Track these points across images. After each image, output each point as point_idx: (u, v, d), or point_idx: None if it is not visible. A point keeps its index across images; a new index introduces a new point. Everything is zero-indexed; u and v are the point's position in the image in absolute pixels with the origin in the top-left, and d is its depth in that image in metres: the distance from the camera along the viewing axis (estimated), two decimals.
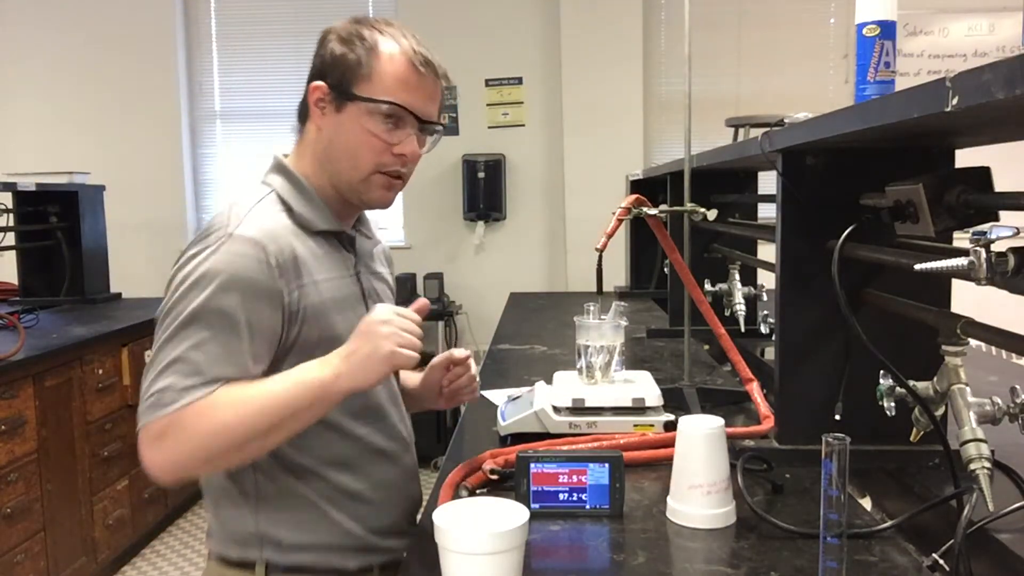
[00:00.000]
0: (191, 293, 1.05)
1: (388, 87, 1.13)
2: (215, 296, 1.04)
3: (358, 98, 1.13)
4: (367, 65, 1.14)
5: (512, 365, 2.12)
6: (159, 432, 1.01)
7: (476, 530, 0.84)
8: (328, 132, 1.17)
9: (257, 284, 1.07)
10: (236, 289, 1.05)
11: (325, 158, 1.18)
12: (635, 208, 1.51)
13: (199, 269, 1.06)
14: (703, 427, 1.09)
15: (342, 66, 1.14)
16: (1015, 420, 0.92)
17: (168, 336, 1.04)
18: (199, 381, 1.02)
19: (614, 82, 4.48)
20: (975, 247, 0.83)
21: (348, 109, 1.14)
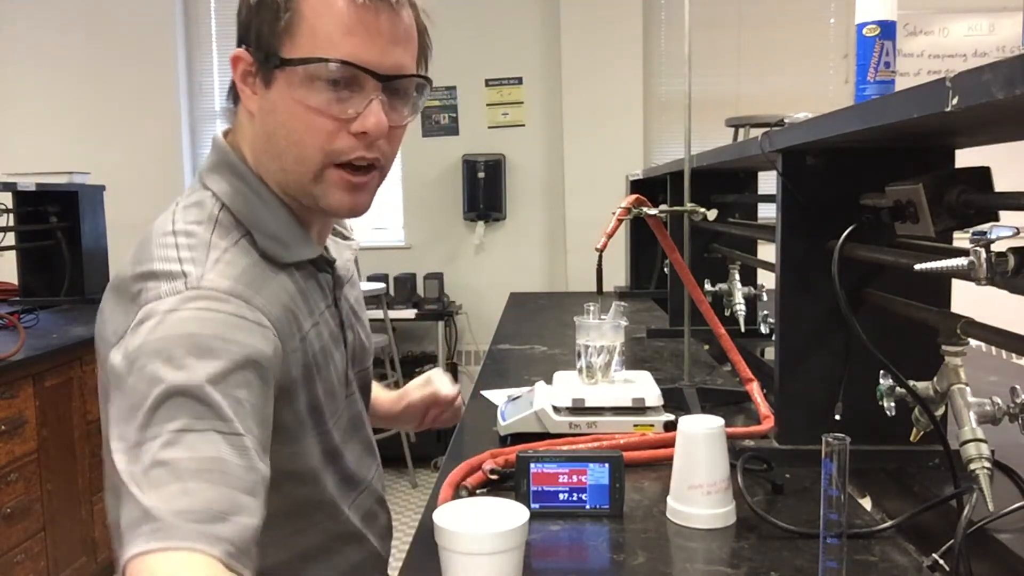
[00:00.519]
0: (151, 370, 0.71)
1: (323, 37, 0.82)
2: (181, 372, 0.71)
3: (285, 62, 0.83)
4: (288, 13, 0.82)
5: (512, 365, 2.12)
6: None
7: (476, 530, 0.84)
8: (261, 117, 0.87)
9: (261, 358, 0.77)
10: (243, 369, 0.74)
11: (264, 153, 0.89)
12: (635, 208, 1.51)
13: (159, 345, 0.72)
14: (703, 427, 1.09)
15: (259, 22, 0.84)
16: (1015, 420, 0.92)
17: (125, 431, 0.69)
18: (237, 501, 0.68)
19: (614, 82, 4.48)
20: (975, 247, 0.83)
21: (277, 80, 0.84)
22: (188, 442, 0.67)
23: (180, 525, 0.62)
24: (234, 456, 0.68)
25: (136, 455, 0.66)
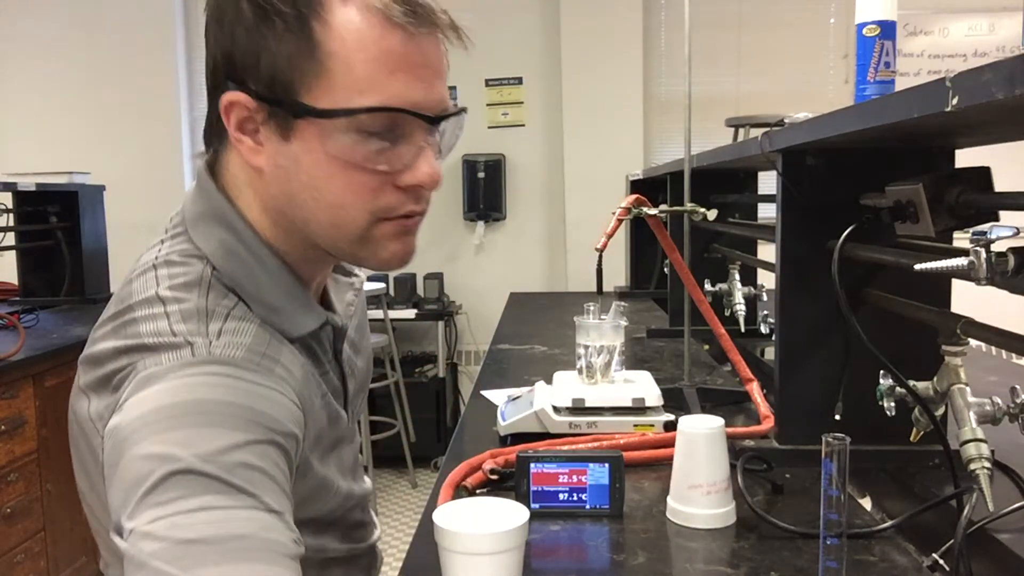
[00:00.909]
0: (198, 432, 0.62)
1: (364, 76, 0.67)
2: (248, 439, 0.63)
3: (315, 112, 0.67)
4: (319, 48, 0.66)
5: (512, 365, 2.12)
6: None
7: (476, 530, 0.84)
8: (274, 175, 0.72)
9: (287, 435, 0.67)
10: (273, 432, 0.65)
11: (282, 216, 0.74)
12: (635, 208, 1.51)
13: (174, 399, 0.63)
14: (703, 427, 1.09)
15: (269, 57, 0.67)
16: (1015, 420, 0.92)
17: (179, 505, 0.59)
18: None
19: (614, 82, 4.48)
20: (975, 247, 0.83)
21: (301, 132, 0.69)
22: (216, 522, 0.56)
23: None
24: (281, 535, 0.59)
25: (154, 540, 0.55)
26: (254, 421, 0.63)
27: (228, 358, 0.67)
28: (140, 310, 0.71)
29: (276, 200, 0.73)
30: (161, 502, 0.57)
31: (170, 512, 0.56)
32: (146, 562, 0.55)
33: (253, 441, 0.61)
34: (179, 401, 0.62)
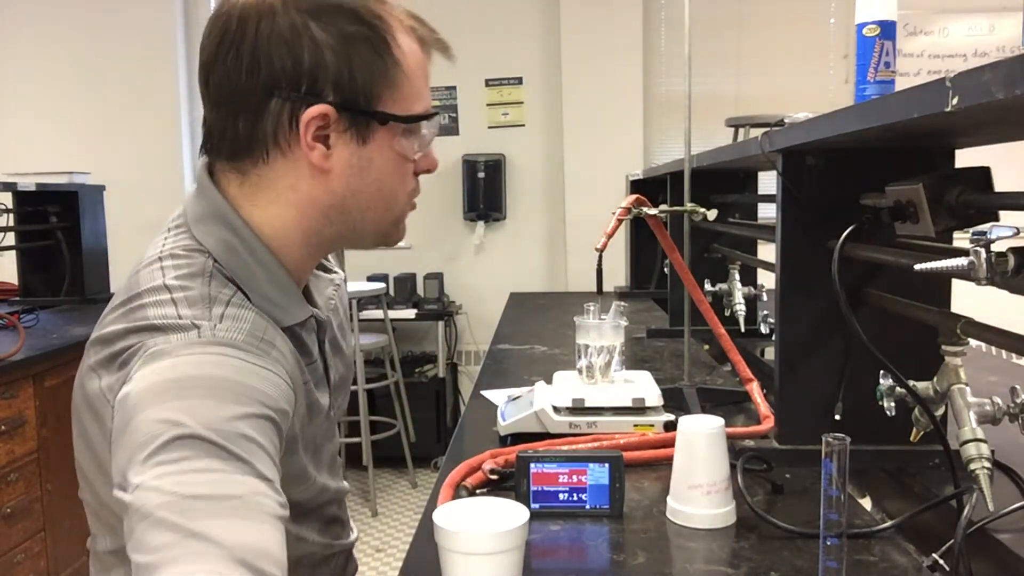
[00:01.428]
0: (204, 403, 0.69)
1: (419, 89, 0.83)
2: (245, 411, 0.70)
3: (397, 119, 0.80)
4: (392, 59, 0.79)
5: (512, 365, 2.12)
6: None
7: (476, 530, 0.84)
8: (342, 175, 0.81)
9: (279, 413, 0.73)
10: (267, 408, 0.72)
11: (337, 210, 0.84)
12: (635, 208, 1.51)
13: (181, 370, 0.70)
14: (703, 427, 1.09)
15: (359, 74, 0.77)
16: (1015, 420, 0.92)
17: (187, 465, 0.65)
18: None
19: (614, 82, 4.48)
20: (975, 247, 0.83)
21: (378, 136, 0.80)
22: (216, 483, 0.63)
23: None
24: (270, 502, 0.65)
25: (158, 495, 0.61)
26: (252, 397, 0.70)
27: (230, 340, 0.73)
28: (148, 297, 0.77)
29: (335, 199, 0.83)
30: (167, 461, 0.63)
31: (175, 471, 0.62)
32: (152, 512, 0.60)
33: (250, 415, 0.68)
34: (186, 375, 0.69)
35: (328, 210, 0.84)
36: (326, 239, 0.86)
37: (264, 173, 0.82)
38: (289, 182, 0.82)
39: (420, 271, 4.60)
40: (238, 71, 0.77)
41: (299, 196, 0.82)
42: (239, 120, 0.79)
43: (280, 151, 0.80)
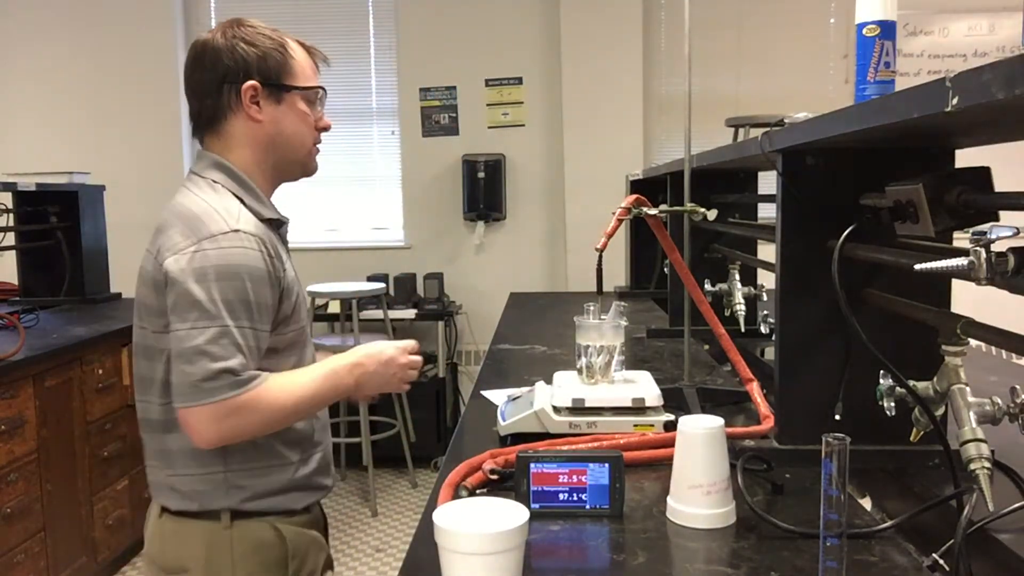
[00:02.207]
0: (219, 283, 1.19)
1: (308, 75, 1.37)
2: (242, 287, 1.21)
3: (294, 88, 1.34)
4: (284, 59, 1.34)
5: (512, 365, 2.12)
6: (233, 409, 1.18)
7: (476, 530, 0.84)
8: (270, 123, 1.33)
9: (267, 273, 1.25)
10: (256, 280, 1.23)
11: (270, 144, 1.35)
12: (635, 208, 1.51)
13: (220, 261, 1.20)
14: (703, 427, 1.09)
15: (269, 63, 1.32)
16: (1015, 420, 0.92)
17: (207, 321, 1.18)
18: (252, 364, 1.21)
19: (614, 82, 4.48)
20: (975, 247, 0.83)
21: (286, 100, 1.34)
22: (230, 330, 1.19)
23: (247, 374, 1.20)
24: (257, 342, 1.23)
25: (204, 333, 1.18)
26: (261, 275, 1.24)
27: (246, 231, 1.25)
28: (207, 217, 1.25)
29: (269, 137, 1.34)
30: (211, 322, 1.20)
31: (219, 329, 1.20)
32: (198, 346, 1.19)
33: (254, 285, 1.23)
34: (224, 264, 1.21)
35: (266, 145, 1.35)
36: (270, 167, 1.37)
37: (227, 129, 1.34)
38: (241, 131, 1.34)
39: (420, 271, 4.60)
40: (202, 73, 1.33)
41: (248, 139, 1.34)
42: (207, 100, 1.33)
43: (233, 113, 1.33)
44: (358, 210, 4.78)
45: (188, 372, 1.17)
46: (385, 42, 4.77)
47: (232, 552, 1.28)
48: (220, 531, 1.28)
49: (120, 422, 3.16)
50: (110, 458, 3.07)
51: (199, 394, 1.17)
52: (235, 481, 1.28)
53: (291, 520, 1.33)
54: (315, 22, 4.73)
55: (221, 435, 1.20)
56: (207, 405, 1.17)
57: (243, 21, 1.35)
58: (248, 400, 1.18)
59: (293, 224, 1.45)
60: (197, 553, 1.28)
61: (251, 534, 1.29)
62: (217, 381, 1.17)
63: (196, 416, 1.18)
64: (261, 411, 1.20)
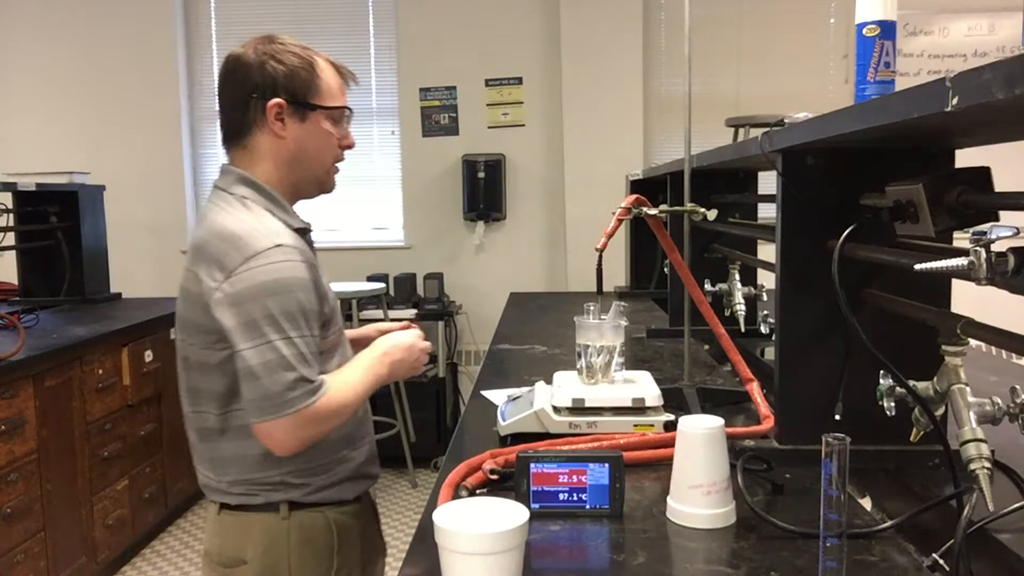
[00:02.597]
0: (274, 299, 1.23)
1: (335, 95, 1.39)
2: (295, 299, 1.25)
3: (319, 107, 1.36)
4: (312, 78, 1.36)
5: (512, 365, 2.12)
6: (312, 416, 1.23)
7: (476, 530, 0.84)
8: (293, 141, 1.36)
9: (311, 281, 1.30)
10: (304, 289, 1.27)
11: (292, 161, 1.37)
12: (635, 208, 1.51)
13: (270, 277, 1.24)
14: (703, 427, 1.09)
15: (294, 83, 1.34)
16: (1015, 420, 0.92)
17: (272, 335, 1.22)
18: (317, 371, 1.27)
19: (614, 82, 4.48)
20: (975, 247, 0.83)
21: (310, 118, 1.36)
22: (294, 342, 1.24)
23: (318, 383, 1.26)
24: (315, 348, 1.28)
25: (272, 350, 1.22)
26: (309, 285, 1.29)
27: (288, 244, 1.28)
28: (248, 236, 1.27)
29: (290, 154, 1.37)
30: (277, 336, 1.24)
31: (286, 342, 1.24)
32: (270, 361, 1.23)
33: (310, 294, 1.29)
34: (275, 279, 1.25)
35: (288, 161, 1.37)
36: (290, 183, 1.39)
37: (252, 144, 1.37)
38: (266, 146, 1.36)
39: (420, 271, 4.60)
40: (232, 87, 1.36)
41: (271, 154, 1.37)
42: (235, 113, 1.36)
43: (258, 128, 1.36)
44: (358, 210, 4.77)
45: (265, 387, 1.21)
46: (385, 42, 4.77)
47: (288, 541, 1.34)
48: (278, 522, 1.34)
49: (120, 422, 3.16)
50: (110, 458, 3.07)
51: (280, 407, 1.21)
52: (291, 480, 1.34)
53: (342, 510, 1.40)
54: (315, 22, 4.73)
55: (302, 442, 1.26)
56: (288, 416, 1.22)
57: (275, 38, 1.36)
58: (322, 405, 1.24)
59: None
60: (256, 543, 1.34)
61: (306, 524, 1.35)
62: (294, 391, 1.22)
63: (279, 428, 1.22)
64: (332, 414, 1.27)
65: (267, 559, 1.34)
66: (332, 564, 1.37)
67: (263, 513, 1.34)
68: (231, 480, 1.34)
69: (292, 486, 1.34)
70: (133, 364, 3.21)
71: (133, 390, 3.21)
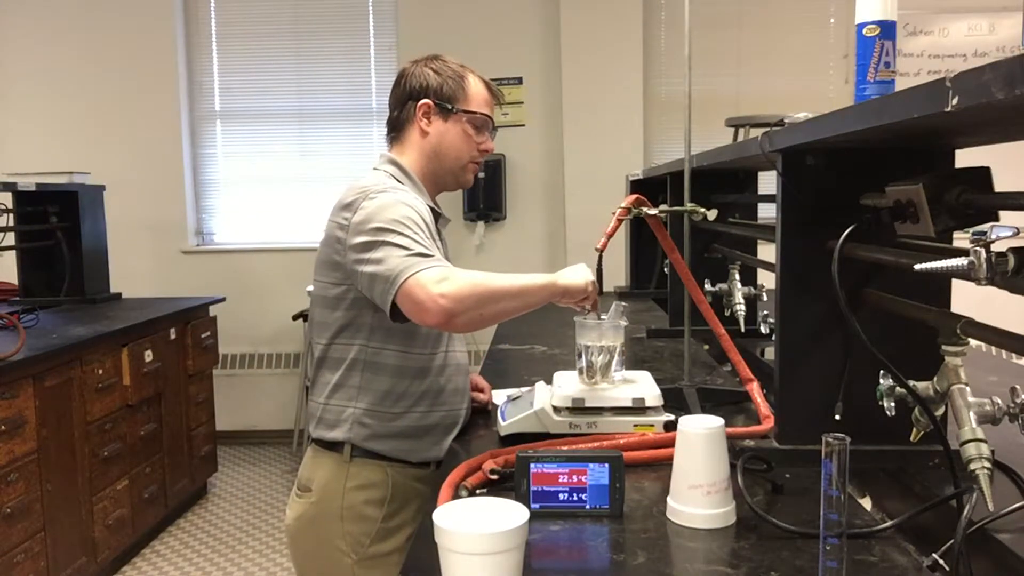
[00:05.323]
0: (385, 212, 1.41)
1: (480, 104, 1.61)
2: (406, 212, 1.42)
3: (463, 111, 1.58)
4: (462, 87, 1.59)
5: (512, 365, 2.12)
6: (441, 275, 1.34)
7: (476, 530, 0.84)
8: (435, 135, 1.58)
9: (425, 209, 1.50)
10: (416, 207, 1.46)
11: (433, 154, 1.59)
12: (635, 208, 1.51)
13: (381, 203, 1.43)
14: (703, 427, 1.09)
15: (446, 88, 1.58)
16: (1015, 420, 0.92)
17: (387, 237, 1.38)
18: (437, 260, 1.39)
19: (614, 82, 4.48)
20: (975, 247, 0.83)
21: (452, 119, 1.58)
22: (421, 240, 1.41)
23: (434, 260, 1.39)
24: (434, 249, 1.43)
25: (397, 239, 1.39)
26: (421, 209, 1.48)
27: (399, 187, 1.52)
28: (362, 182, 1.51)
29: (432, 147, 1.59)
30: (392, 238, 1.40)
31: (401, 239, 1.40)
32: (395, 256, 1.38)
33: (423, 215, 1.48)
34: (390, 199, 1.45)
35: (429, 153, 1.60)
36: (431, 173, 1.61)
37: (404, 137, 1.62)
38: (414, 139, 1.60)
39: None
40: (397, 90, 1.62)
41: (417, 146, 1.60)
42: (396, 112, 1.63)
43: (410, 124, 1.60)
44: None
45: (388, 268, 1.36)
46: (385, 42, 4.77)
47: (345, 483, 1.51)
48: (341, 463, 1.52)
49: (120, 422, 3.16)
50: (110, 458, 3.07)
51: (403, 274, 1.34)
52: (360, 418, 1.50)
53: (403, 470, 1.52)
54: (315, 22, 4.73)
55: (447, 298, 1.32)
56: (414, 276, 1.33)
57: (439, 56, 1.62)
58: (450, 271, 1.36)
59: (293, 224, 1.52)
60: (319, 477, 1.54)
61: (364, 471, 1.51)
62: (412, 260, 1.35)
63: (412, 291, 1.33)
64: (465, 278, 1.36)
65: (324, 493, 1.52)
66: (381, 514, 1.51)
67: (332, 452, 1.53)
68: (320, 403, 1.54)
69: (360, 425, 1.50)
70: (133, 364, 3.21)
71: (133, 390, 3.21)
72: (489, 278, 1.41)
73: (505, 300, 1.42)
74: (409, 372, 1.51)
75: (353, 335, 1.50)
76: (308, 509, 1.55)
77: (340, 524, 1.51)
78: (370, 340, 1.50)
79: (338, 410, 1.52)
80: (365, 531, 1.51)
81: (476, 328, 1.42)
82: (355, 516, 1.51)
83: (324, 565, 1.53)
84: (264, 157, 4.90)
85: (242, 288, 4.63)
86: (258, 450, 4.78)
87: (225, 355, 4.65)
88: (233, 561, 3.34)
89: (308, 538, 1.56)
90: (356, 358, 1.51)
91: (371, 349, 1.50)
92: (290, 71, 4.80)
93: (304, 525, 1.55)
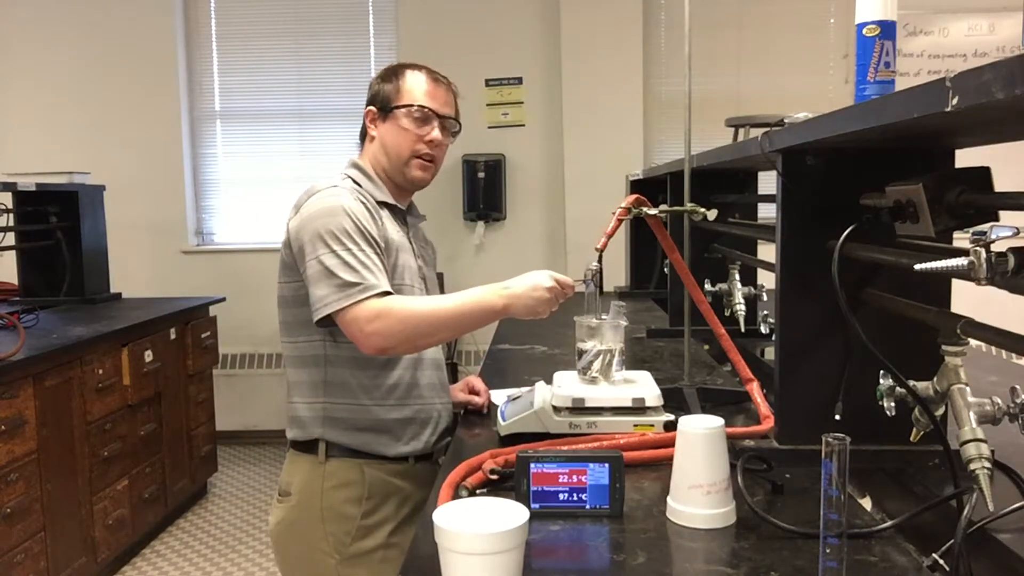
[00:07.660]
0: (322, 220, 1.46)
1: (414, 96, 1.61)
2: (342, 220, 1.46)
3: (395, 107, 1.61)
4: (397, 85, 1.63)
5: (512, 365, 2.12)
6: (373, 314, 1.39)
7: (476, 530, 0.84)
8: (379, 137, 1.64)
9: (368, 210, 1.53)
10: (356, 213, 1.49)
11: (381, 154, 1.64)
12: (635, 208, 1.51)
13: (320, 205, 1.49)
14: (703, 427, 1.09)
15: (383, 92, 1.64)
16: (1015, 420, 0.92)
17: (330, 247, 1.43)
18: (374, 280, 1.42)
19: (614, 82, 4.48)
20: (975, 247, 0.83)
21: (389, 118, 1.63)
22: (355, 254, 1.44)
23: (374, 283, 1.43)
24: (373, 261, 1.47)
25: (328, 260, 1.43)
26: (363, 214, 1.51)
27: (345, 187, 1.55)
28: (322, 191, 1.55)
29: (379, 149, 1.65)
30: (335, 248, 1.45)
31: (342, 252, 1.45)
32: (328, 267, 1.43)
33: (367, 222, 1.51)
34: (332, 205, 1.49)
35: (379, 153, 1.65)
36: (383, 170, 1.65)
37: (365, 144, 1.69)
38: (368, 145, 1.67)
39: None
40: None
41: (370, 150, 1.67)
42: (362, 123, 1.70)
43: (368, 131, 1.67)
44: None
45: (321, 295, 1.42)
46: (385, 42, 4.77)
47: (323, 483, 1.54)
48: (317, 464, 1.55)
49: (120, 422, 3.16)
50: (110, 458, 3.07)
51: (334, 305, 1.40)
52: (332, 412, 1.54)
53: (380, 466, 1.55)
54: (315, 22, 4.73)
55: (379, 336, 1.39)
56: (347, 310, 1.39)
57: (398, 65, 1.69)
58: (383, 306, 1.39)
59: None
60: (298, 480, 1.57)
61: (340, 470, 1.54)
62: (346, 290, 1.40)
63: (345, 325, 1.41)
64: (398, 314, 1.39)
65: (303, 495, 1.55)
66: (359, 512, 1.53)
67: (307, 455, 1.56)
68: (293, 403, 1.58)
69: (332, 420, 1.53)
70: (133, 364, 3.21)
71: (133, 390, 3.21)
72: (426, 308, 1.45)
73: (442, 331, 1.47)
74: (374, 363, 1.53)
75: (314, 331, 1.52)
76: (289, 513, 1.57)
77: (321, 525, 1.53)
78: (330, 334, 1.52)
79: (307, 407, 1.56)
80: (346, 530, 1.53)
81: (415, 353, 1.54)
82: (335, 516, 1.53)
83: (309, 567, 1.55)
84: (264, 157, 4.90)
85: (242, 288, 4.63)
86: (258, 450, 4.78)
87: (225, 355, 4.65)
88: (233, 561, 3.34)
89: (291, 542, 1.58)
90: (318, 353, 1.55)
91: (332, 343, 1.53)
92: (290, 71, 4.80)
93: (286, 529, 1.58)
